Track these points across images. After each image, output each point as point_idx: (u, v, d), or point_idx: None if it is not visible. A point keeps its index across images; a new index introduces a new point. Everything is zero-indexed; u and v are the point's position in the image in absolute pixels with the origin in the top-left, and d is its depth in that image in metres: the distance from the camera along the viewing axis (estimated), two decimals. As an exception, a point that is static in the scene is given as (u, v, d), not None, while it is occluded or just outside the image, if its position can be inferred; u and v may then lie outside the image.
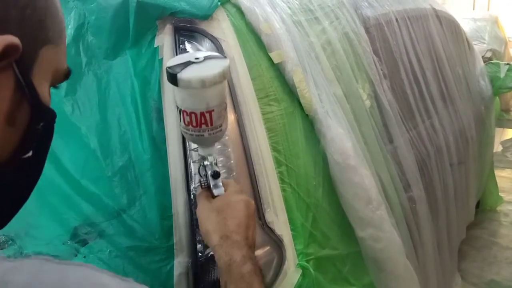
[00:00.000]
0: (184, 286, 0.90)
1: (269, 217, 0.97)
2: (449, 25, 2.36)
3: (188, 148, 0.94)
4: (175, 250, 0.92)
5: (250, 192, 0.96)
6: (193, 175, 0.93)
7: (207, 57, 0.74)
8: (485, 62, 2.84)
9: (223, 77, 0.73)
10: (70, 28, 1.04)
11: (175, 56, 0.74)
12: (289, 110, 1.07)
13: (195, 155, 0.93)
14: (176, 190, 0.93)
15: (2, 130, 0.43)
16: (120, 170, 0.97)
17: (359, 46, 1.40)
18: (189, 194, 0.93)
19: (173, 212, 0.92)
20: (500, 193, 3.35)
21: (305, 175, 1.06)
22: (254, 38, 1.06)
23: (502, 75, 2.75)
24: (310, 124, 1.11)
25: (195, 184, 0.93)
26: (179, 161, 0.94)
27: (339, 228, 1.11)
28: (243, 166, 0.97)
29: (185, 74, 0.70)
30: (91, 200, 0.97)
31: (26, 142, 0.46)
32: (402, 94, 1.68)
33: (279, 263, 0.97)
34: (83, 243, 0.97)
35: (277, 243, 0.97)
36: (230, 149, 0.95)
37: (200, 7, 0.99)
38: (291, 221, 1.01)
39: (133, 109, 0.97)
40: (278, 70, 1.07)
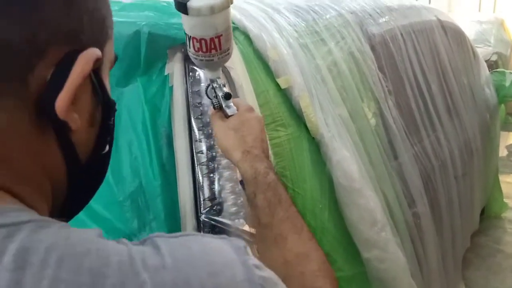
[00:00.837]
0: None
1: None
2: (455, 35, 2.37)
3: (198, 175, 0.97)
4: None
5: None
6: (202, 202, 0.96)
7: None
8: (490, 66, 2.84)
9: (230, 2, 0.75)
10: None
11: None
12: (296, 135, 1.09)
13: (206, 182, 0.96)
14: (186, 216, 0.95)
15: (86, 133, 0.45)
16: (131, 195, 0.99)
17: (365, 65, 1.42)
18: (198, 220, 0.95)
19: (183, 238, 0.95)
20: (505, 199, 3.33)
21: (312, 199, 1.08)
22: (262, 65, 1.08)
23: (508, 84, 2.75)
24: (317, 147, 1.13)
25: (204, 210, 0.96)
26: (188, 188, 0.96)
27: (345, 250, 1.12)
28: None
29: (195, 3, 0.72)
30: (103, 224, 1.00)
31: (103, 138, 0.48)
32: (407, 109, 1.69)
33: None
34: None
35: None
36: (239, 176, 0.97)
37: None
38: (298, 245, 1.02)
39: (144, 136, 1.00)
40: (285, 95, 1.09)
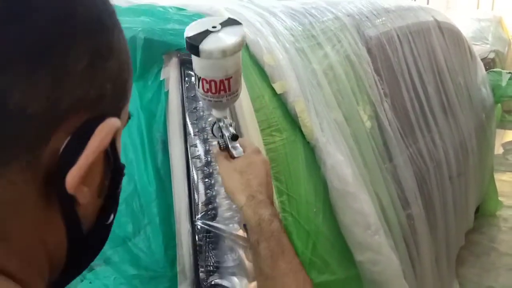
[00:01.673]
0: (188, 315, 0.94)
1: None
2: (452, 36, 2.37)
3: (192, 180, 0.97)
4: (179, 279, 0.95)
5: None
6: (197, 206, 0.97)
7: (223, 24, 0.76)
8: (488, 64, 2.84)
9: (242, 46, 0.76)
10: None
11: (192, 23, 0.76)
12: (291, 139, 1.09)
13: (201, 187, 0.97)
14: (180, 221, 0.96)
15: (93, 205, 0.41)
16: (126, 200, 1.00)
17: (361, 68, 1.42)
18: (193, 225, 0.96)
19: (177, 242, 0.95)
20: (500, 198, 3.35)
21: (306, 203, 1.08)
22: (258, 70, 1.08)
23: (504, 84, 2.76)
24: (311, 151, 1.13)
25: (199, 215, 0.96)
26: (184, 193, 0.97)
27: (339, 253, 1.13)
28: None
29: (207, 45, 0.73)
30: (98, 228, 1.00)
31: (110, 209, 0.43)
32: (403, 111, 1.70)
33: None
34: (89, 269, 1.01)
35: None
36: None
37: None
38: (292, 249, 1.04)
39: (139, 141, 1.00)
40: (281, 100, 1.09)
